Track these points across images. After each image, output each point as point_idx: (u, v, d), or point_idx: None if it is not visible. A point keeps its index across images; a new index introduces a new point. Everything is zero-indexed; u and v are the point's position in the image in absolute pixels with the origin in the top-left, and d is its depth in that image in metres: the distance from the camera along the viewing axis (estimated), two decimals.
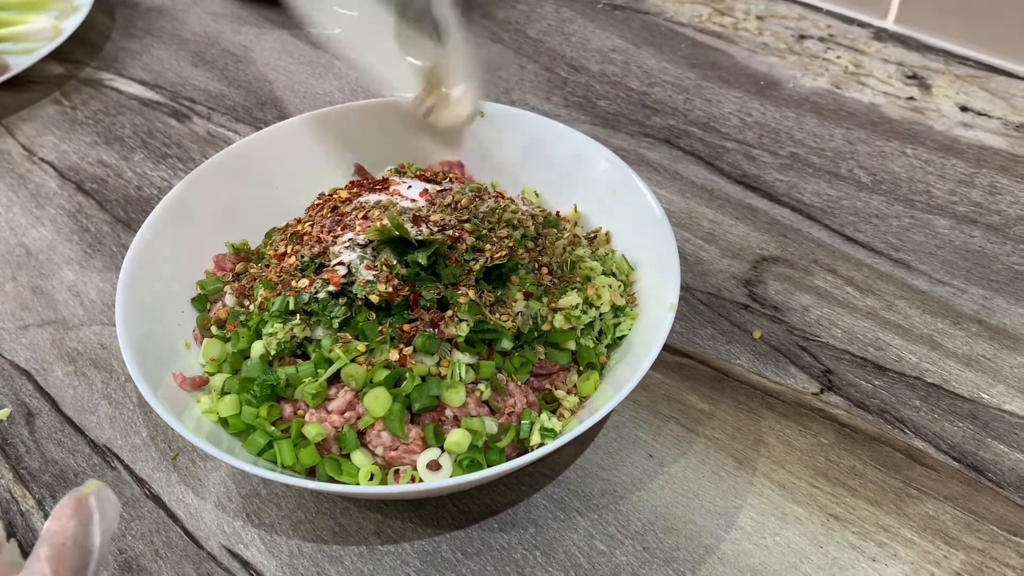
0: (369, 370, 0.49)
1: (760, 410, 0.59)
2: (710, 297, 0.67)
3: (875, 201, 0.74)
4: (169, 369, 0.53)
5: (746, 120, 0.82)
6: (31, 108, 0.87)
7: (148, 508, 0.55)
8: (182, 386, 0.52)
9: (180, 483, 0.57)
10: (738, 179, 0.76)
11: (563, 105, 0.85)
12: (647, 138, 0.81)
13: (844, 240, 0.71)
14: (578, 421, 0.50)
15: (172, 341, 0.55)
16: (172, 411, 0.48)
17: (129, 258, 0.56)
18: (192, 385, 0.53)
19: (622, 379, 0.51)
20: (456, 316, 0.50)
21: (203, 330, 0.56)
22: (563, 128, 0.64)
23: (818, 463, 0.56)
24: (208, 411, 0.51)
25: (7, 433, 0.60)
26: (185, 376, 0.53)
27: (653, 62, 0.90)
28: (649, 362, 0.50)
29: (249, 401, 0.50)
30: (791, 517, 0.54)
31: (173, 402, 0.50)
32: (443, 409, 0.50)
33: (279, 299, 0.52)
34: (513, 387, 0.52)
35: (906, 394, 0.60)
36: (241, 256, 0.59)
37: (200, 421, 0.51)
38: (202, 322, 0.56)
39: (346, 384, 0.50)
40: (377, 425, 0.49)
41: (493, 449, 0.50)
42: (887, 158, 0.78)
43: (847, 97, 0.85)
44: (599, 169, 0.62)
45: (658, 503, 0.55)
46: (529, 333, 0.53)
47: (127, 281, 0.54)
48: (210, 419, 0.51)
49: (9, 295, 0.69)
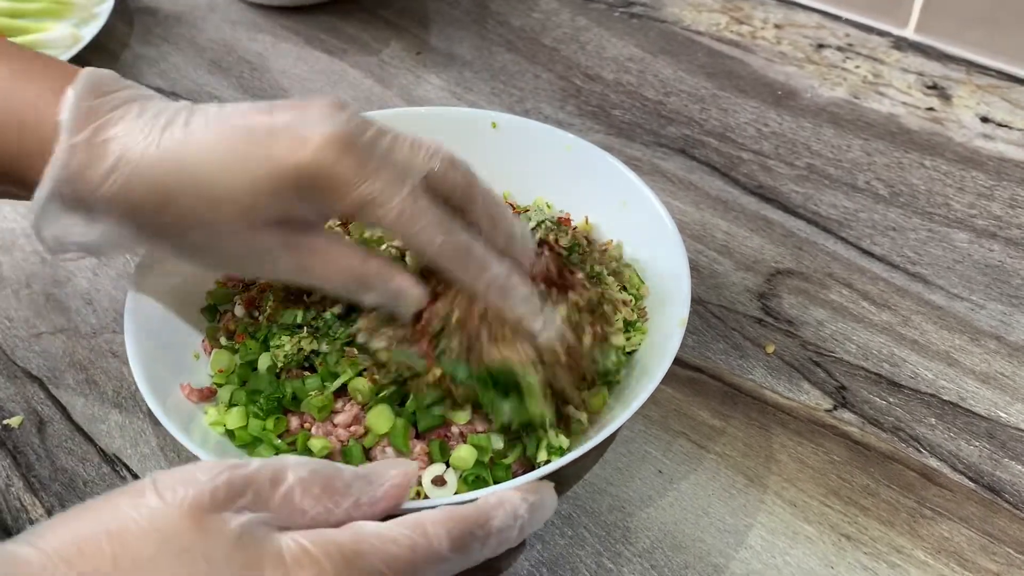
0: (374, 385, 0.49)
1: (772, 426, 0.58)
2: (723, 310, 0.66)
3: (892, 214, 0.73)
4: (177, 380, 0.53)
5: (763, 130, 0.82)
6: None
7: None
8: (189, 397, 0.52)
9: None
10: (753, 190, 0.75)
11: (577, 114, 0.85)
12: (662, 148, 0.80)
13: (860, 253, 0.70)
14: (586, 437, 0.50)
15: (181, 352, 0.55)
16: (180, 423, 0.48)
17: (139, 268, 0.56)
18: (200, 396, 0.53)
19: (631, 395, 0.51)
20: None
21: (212, 341, 0.56)
22: (572, 138, 0.64)
23: (830, 481, 0.55)
24: (215, 423, 0.51)
25: (18, 441, 0.60)
26: (193, 387, 0.52)
27: (669, 71, 0.90)
28: (658, 379, 0.49)
29: (256, 413, 0.50)
30: (802, 536, 0.53)
31: (180, 414, 0.50)
32: (449, 425, 0.50)
33: (287, 312, 0.52)
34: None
35: (921, 411, 0.59)
36: None
37: (207, 433, 0.51)
38: (211, 333, 0.56)
39: (352, 398, 0.50)
40: (383, 439, 0.49)
41: (499, 466, 0.49)
42: (905, 170, 0.77)
43: (866, 107, 0.84)
44: (609, 180, 0.62)
45: (667, 520, 0.54)
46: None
47: (136, 292, 0.54)
48: (217, 431, 0.51)
49: (23, 303, 0.69)
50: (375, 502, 0.37)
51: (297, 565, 0.32)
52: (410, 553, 0.34)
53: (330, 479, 0.36)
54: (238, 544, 0.31)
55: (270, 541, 0.32)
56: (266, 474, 0.35)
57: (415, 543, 0.35)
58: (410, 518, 0.36)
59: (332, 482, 0.36)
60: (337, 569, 0.32)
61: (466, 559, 0.37)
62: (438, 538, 0.35)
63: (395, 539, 0.34)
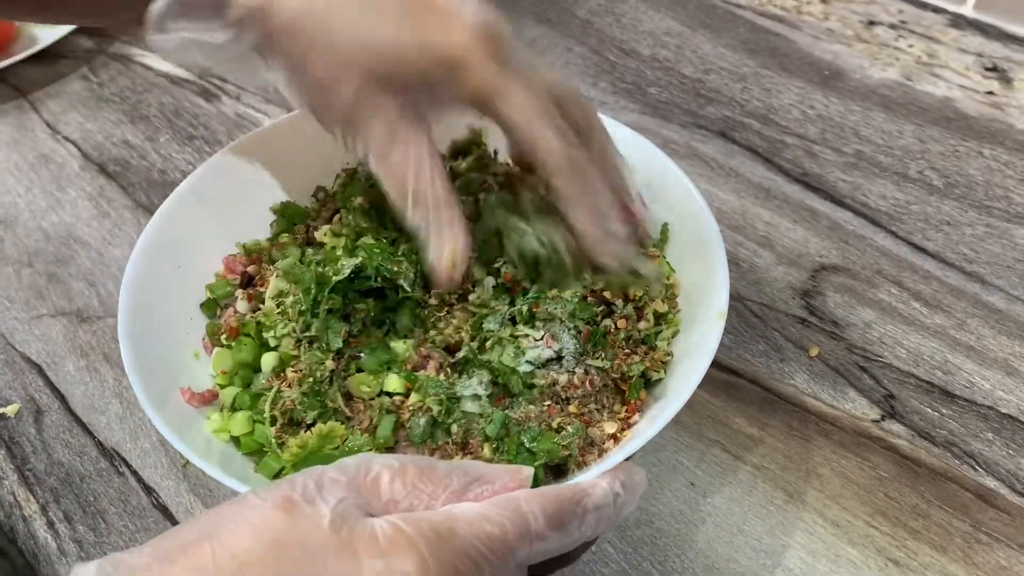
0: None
1: (814, 437, 0.54)
2: (763, 308, 0.61)
3: (947, 206, 0.68)
4: (177, 384, 0.49)
5: (808, 113, 0.76)
6: (58, 84, 0.85)
7: (154, 519, 0.52)
8: (190, 402, 0.48)
9: (189, 492, 0.54)
10: (798, 178, 0.71)
11: (611, 91, 0.80)
12: (700, 130, 0.75)
13: (912, 249, 0.65)
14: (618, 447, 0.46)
15: (180, 352, 0.51)
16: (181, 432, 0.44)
17: (133, 261, 0.51)
18: (201, 400, 0.49)
19: (665, 399, 0.47)
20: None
21: (212, 339, 0.52)
22: None
23: (877, 500, 0.51)
24: (219, 430, 0.47)
25: (14, 431, 0.57)
26: (194, 392, 0.49)
27: (709, 47, 0.84)
28: (696, 381, 0.45)
29: (260, 420, 0.46)
30: (845, 560, 0.49)
31: (181, 421, 0.46)
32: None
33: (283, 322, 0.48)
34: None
35: (977, 425, 0.54)
36: (253, 258, 0.55)
37: (211, 441, 0.47)
38: (212, 330, 0.52)
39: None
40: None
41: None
42: (962, 159, 0.71)
43: (919, 90, 0.78)
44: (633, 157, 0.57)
45: (698, 538, 0.50)
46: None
47: (130, 290, 0.49)
48: (221, 438, 0.47)
49: (24, 283, 0.66)
50: (479, 497, 0.36)
51: (391, 544, 0.32)
52: (505, 531, 0.34)
53: (425, 468, 0.36)
54: (331, 529, 0.32)
55: (363, 524, 0.32)
56: (354, 464, 0.35)
57: (510, 520, 0.34)
58: (502, 497, 0.35)
59: (427, 472, 0.36)
60: (431, 548, 0.32)
61: (564, 538, 0.36)
62: (533, 515, 0.35)
63: (489, 517, 0.34)
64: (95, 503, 0.53)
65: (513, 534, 0.34)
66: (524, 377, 0.45)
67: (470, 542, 0.33)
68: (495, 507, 0.35)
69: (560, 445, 0.44)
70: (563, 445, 0.44)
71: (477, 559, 0.33)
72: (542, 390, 0.45)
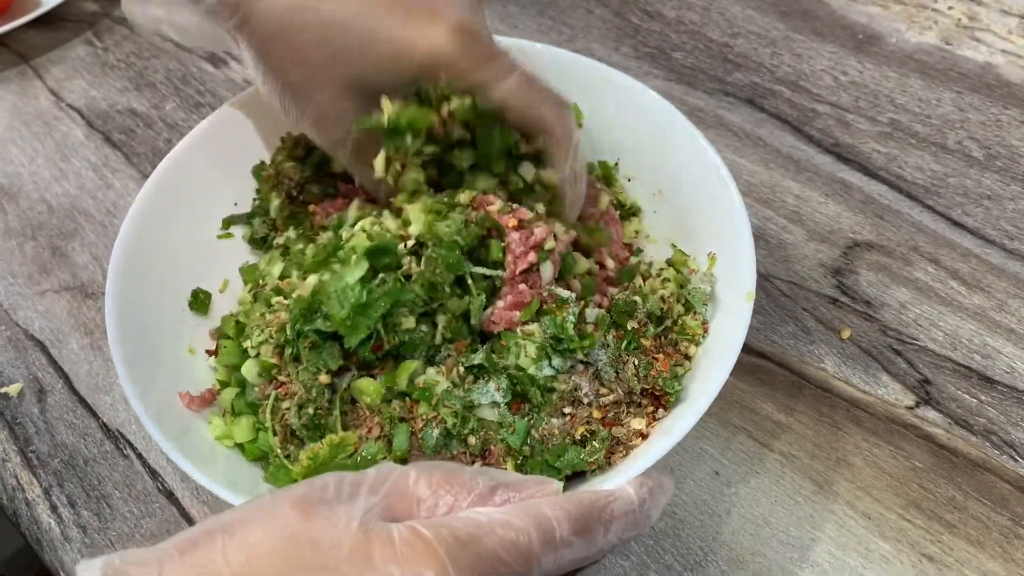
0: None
1: (845, 424, 0.52)
2: (793, 287, 0.59)
3: (988, 180, 0.64)
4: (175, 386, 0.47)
5: (840, 80, 0.73)
6: (61, 49, 0.82)
7: (160, 504, 0.51)
8: (190, 406, 0.46)
9: None
10: (829, 148, 0.67)
11: (633, 56, 0.77)
12: (727, 97, 0.72)
13: (950, 225, 0.62)
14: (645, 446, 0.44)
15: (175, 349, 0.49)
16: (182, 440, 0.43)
17: (119, 248, 0.49)
18: (201, 403, 0.47)
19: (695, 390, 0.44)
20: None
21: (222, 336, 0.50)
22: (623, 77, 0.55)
23: (911, 491, 0.49)
24: (222, 436, 0.45)
25: (16, 411, 0.56)
26: (192, 395, 0.47)
27: (737, 9, 0.81)
28: (723, 377, 0.43)
29: (263, 428, 0.44)
30: (877, 555, 0.47)
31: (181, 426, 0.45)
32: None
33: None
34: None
35: (1018, 413, 0.52)
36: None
37: (215, 447, 0.45)
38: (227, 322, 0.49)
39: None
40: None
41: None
42: (1004, 128, 0.68)
43: (959, 55, 0.74)
44: (649, 120, 0.54)
45: (723, 530, 0.48)
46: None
47: (117, 294, 0.47)
48: (225, 445, 0.45)
49: (28, 256, 0.64)
50: (504, 503, 0.36)
51: (408, 548, 0.31)
52: (530, 539, 0.33)
53: (450, 471, 0.35)
54: (346, 530, 0.31)
55: (380, 527, 0.32)
56: (376, 469, 0.35)
57: (535, 527, 0.34)
58: (527, 503, 0.35)
59: (452, 474, 0.35)
60: (451, 553, 0.31)
61: (589, 544, 0.35)
62: (558, 520, 0.34)
63: (513, 524, 0.33)
64: (99, 487, 0.52)
65: (538, 542, 0.33)
66: (544, 381, 0.43)
67: (493, 550, 0.32)
68: (519, 513, 0.34)
69: (587, 461, 0.42)
70: (590, 460, 0.42)
71: (500, 568, 0.32)
72: (562, 395, 0.43)
